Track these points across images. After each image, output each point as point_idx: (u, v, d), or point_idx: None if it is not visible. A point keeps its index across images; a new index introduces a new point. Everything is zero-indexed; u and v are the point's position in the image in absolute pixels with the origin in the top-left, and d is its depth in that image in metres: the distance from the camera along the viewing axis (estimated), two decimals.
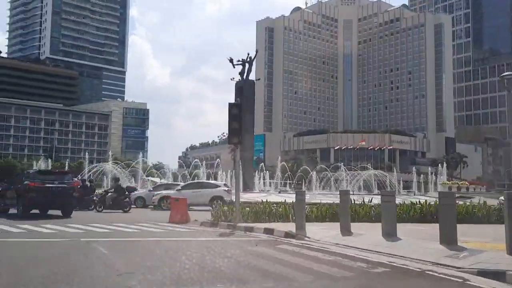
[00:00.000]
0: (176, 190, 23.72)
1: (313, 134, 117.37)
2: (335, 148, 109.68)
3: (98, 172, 62.13)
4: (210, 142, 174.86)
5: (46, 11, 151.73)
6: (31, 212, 17.08)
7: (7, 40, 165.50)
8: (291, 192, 35.64)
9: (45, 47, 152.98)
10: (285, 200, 16.77)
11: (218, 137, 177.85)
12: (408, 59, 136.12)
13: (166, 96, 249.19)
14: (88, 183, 23.71)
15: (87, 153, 72.21)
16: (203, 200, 22.45)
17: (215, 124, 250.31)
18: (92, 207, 21.42)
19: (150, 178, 75.48)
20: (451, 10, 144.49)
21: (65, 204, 17.28)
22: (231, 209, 13.67)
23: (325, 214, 14.01)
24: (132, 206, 23.95)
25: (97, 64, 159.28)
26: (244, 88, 51.18)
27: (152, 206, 23.91)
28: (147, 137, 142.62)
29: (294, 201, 13.00)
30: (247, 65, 53.39)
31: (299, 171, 53.62)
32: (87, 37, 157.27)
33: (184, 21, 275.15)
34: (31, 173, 18.35)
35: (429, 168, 62.44)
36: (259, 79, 73.81)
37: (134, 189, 24.64)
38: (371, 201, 15.48)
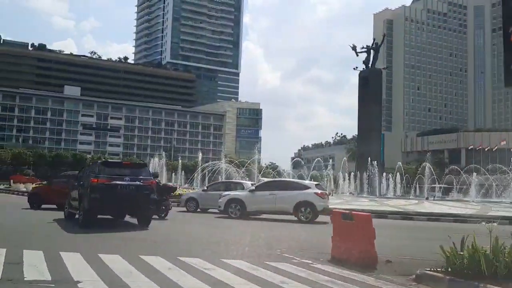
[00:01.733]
0: (249, 191, 17.34)
1: (440, 133, 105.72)
2: (468, 148, 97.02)
3: (212, 171, 60.76)
4: (323, 142, 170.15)
5: (167, 18, 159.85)
6: (101, 217, 12.73)
7: (134, 48, 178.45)
8: (442, 198, 28.85)
9: (166, 52, 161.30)
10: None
11: (332, 137, 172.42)
12: None
13: (276, 99, 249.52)
14: None
15: (200, 153, 71.49)
16: (284, 206, 16.19)
17: (325, 126, 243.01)
18: None
19: (264, 178, 73.05)
20: None
21: (141, 210, 12.56)
22: (498, 249, 5.81)
23: None
24: (182, 209, 19.91)
25: (213, 67, 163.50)
26: (369, 78, 45.45)
27: (218, 211, 17.70)
28: (260, 137, 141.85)
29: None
30: (372, 52, 47.59)
31: (445, 173, 45.99)
32: (203, 41, 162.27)
33: (294, 24, 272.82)
34: (97, 165, 13.02)
35: None
36: (386, 67, 66.88)
37: (173, 189, 19.42)
38: None
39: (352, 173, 47.05)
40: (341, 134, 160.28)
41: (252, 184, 20.80)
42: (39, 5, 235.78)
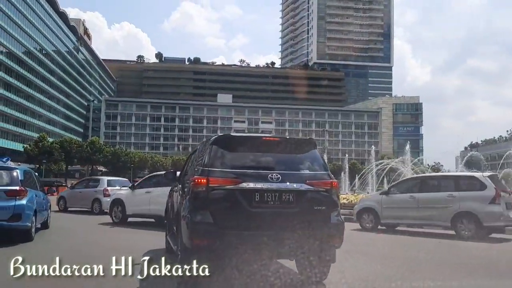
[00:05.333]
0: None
1: None
2: None
3: (374, 172, 53.52)
4: (496, 138, 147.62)
5: (312, 18, 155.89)
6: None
7: (280, 53, 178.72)
8: None
9: (312, 53, 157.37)
10: None
11: (507, 131, 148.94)
12: None
13: (428, 96, 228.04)
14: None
15: (373, 153, 64.66)
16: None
17: (489, 121, 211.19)
18: None
19: None
20: None
21: (312, 247, 5.32)
22: None
23: None
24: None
25: (362, 63, 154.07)
26: None
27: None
28: (422, 134, 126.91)
29: None
30: None
31: None
32: (351, 36, 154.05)
33: (445, 14, 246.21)
34: (207, 146, 5.60)
35: None
36: None
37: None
38: None
39: None
40: None
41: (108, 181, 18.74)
42: (195, 29, 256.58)
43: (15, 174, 9.25)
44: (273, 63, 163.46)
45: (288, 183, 5.24)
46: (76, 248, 8.67)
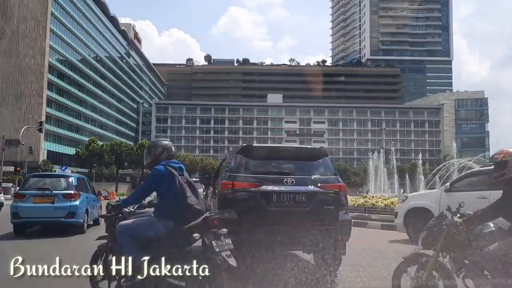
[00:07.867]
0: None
1: None
2: None
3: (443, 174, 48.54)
4: None
5: (364, 13, 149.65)
6: None
7: (331, 51, 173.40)
8: None
9: (365, 49, 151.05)
10: None
11: None
12: None
13: (486, 92, 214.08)
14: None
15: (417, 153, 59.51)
16: None
17: None
18: None
19: None
20: None
21: (322, 242, 6.16)
22: None
23: None
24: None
25: (419, 58, 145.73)
26: None
27: None
28: (488, 131, 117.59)
29: None
30: None
31: None
32: (407, 30, 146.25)
33: (502, 5, 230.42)
34: (233, 155, 6.65)
35: None
36: None
37: None
38: None
39: None
40: None
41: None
42: (243, 33, 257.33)
43: (70, 180, 11.95)
44: (324, 61, 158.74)
45: (301, 186, 6.17)
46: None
